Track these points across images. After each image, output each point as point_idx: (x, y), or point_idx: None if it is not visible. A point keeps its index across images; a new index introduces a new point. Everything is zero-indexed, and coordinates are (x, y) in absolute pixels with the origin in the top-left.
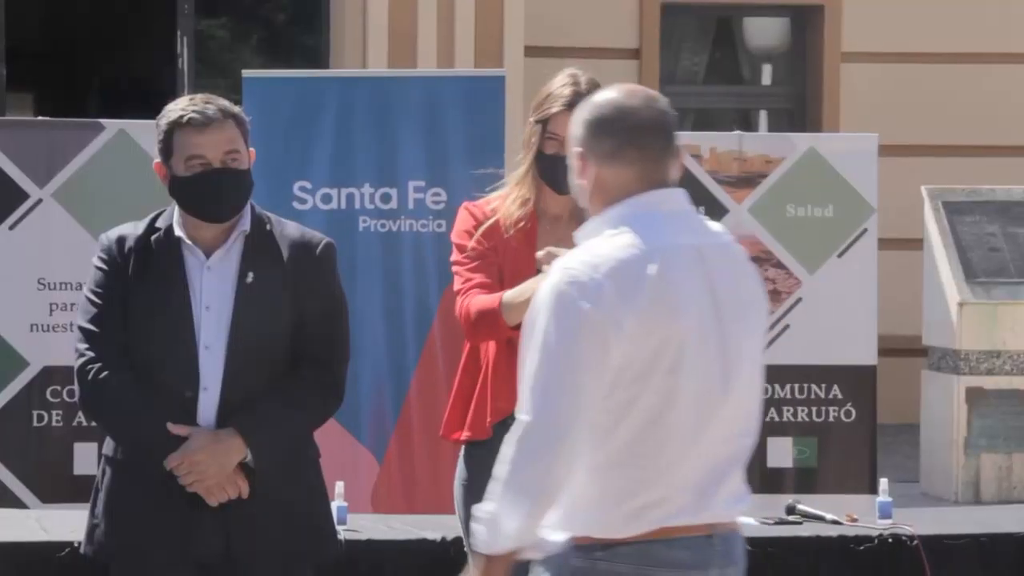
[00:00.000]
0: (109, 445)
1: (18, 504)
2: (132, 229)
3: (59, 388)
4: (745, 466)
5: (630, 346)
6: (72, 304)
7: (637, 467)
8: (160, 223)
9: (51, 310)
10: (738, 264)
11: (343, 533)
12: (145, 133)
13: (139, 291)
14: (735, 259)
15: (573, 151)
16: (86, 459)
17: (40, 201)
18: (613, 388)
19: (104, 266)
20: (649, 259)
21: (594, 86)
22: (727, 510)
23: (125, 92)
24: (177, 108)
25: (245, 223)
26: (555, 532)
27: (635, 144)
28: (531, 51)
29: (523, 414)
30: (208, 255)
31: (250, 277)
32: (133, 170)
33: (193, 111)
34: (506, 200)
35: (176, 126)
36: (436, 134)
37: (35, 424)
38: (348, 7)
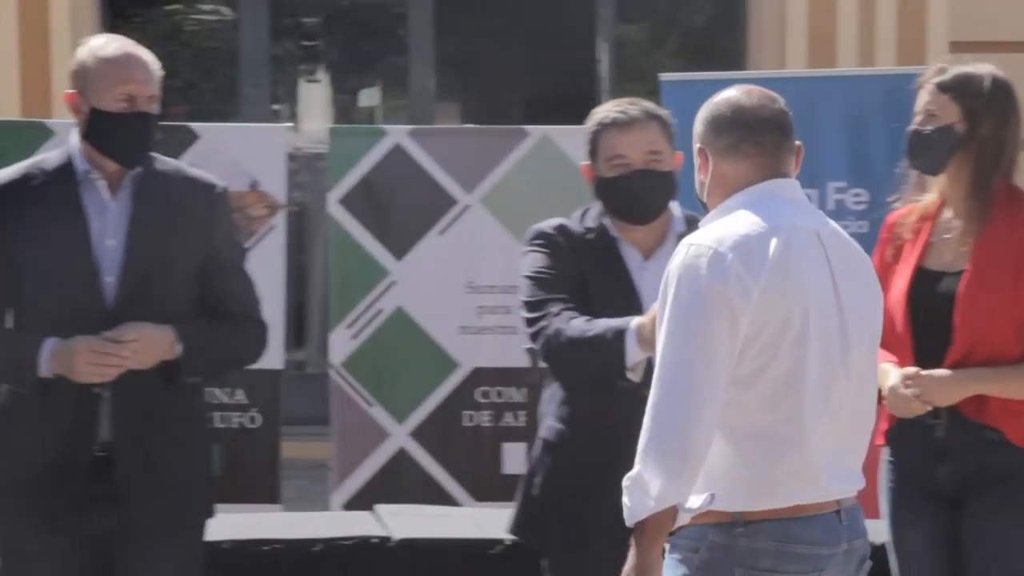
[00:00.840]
0: (548, 428)
1: (452, 502)
2: (568, 222)
3: (488, 389)
4: (864, 451)
5: (756, 316)
6: (500, 307)
7: (771, 439)
8: (590, 222)
9: (480, 313)
10: (854, 253)
11: None
12: (568, 138)
13: (588, 283)
14: (851, 248)
15: (694, 147)
16: (514, 459)
17: (468, 207)
18: (742, 358)
19: (547, 249)
20: (771, 235)
21: (962, 75)
22: (849, 486)
23: (547, 98)
24: (603, 110)
25: (679, 224)
26: (695, 502)
27: (751, 140)
28: (956, 47)
29: (656, 381)
30: (643, 255)
31: None
32: (557, 175)
33: (616, 112)
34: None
35: (601, 127)
36: (857, 134)
37: (465, 424)
38: (767, 8)
